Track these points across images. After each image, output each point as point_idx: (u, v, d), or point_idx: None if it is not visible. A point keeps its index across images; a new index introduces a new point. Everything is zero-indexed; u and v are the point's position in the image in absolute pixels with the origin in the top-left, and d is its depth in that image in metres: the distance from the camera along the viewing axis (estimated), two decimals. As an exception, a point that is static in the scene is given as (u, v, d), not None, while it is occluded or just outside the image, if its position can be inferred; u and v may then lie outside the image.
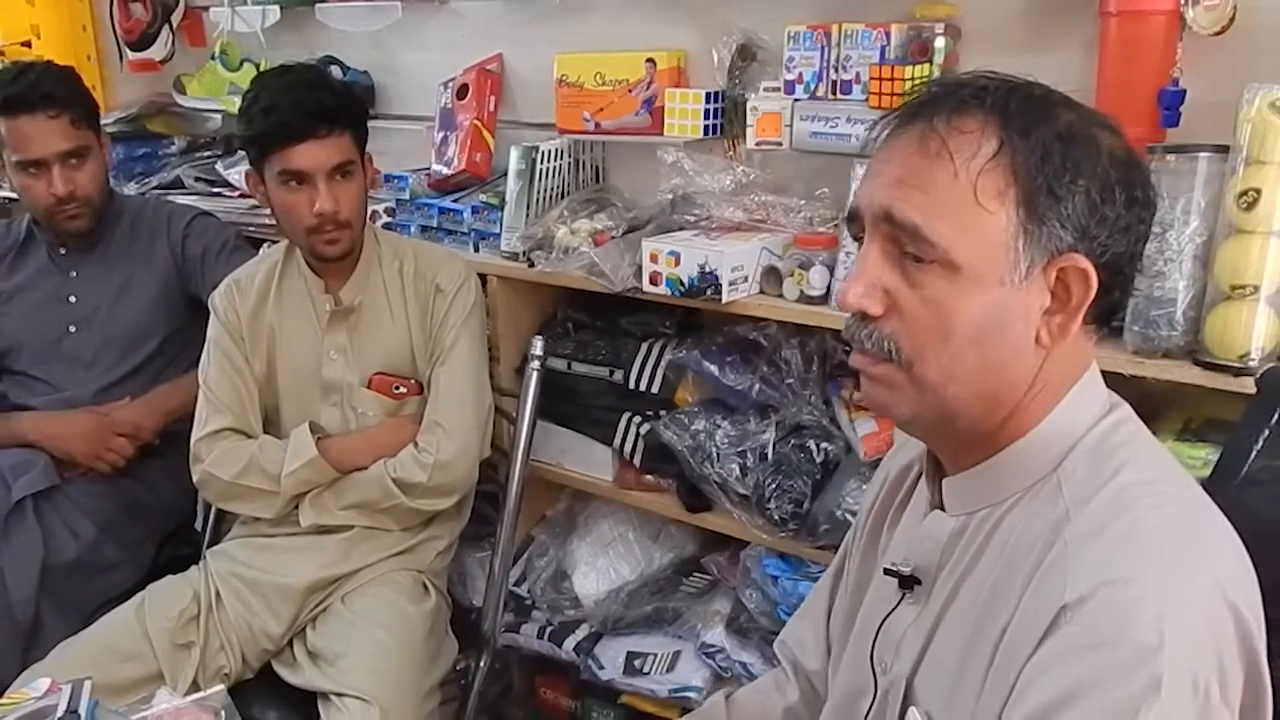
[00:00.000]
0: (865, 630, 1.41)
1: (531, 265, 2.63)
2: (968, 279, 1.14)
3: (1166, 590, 1.05)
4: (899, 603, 1.35)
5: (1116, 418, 1.23)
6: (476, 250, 2.86)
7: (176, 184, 3.56)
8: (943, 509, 1.31)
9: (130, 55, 3.77)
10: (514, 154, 2.75)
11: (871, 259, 1.19)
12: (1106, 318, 1.22)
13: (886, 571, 1.36)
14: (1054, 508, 1.16)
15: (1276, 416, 1.42)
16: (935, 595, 1.29)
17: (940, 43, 2.18)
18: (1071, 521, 1.13)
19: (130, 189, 3.53)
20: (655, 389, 2.60)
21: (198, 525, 3.04)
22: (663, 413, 2.57)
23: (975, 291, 1.14)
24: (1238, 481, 1.41)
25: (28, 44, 3.78)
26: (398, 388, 2.55)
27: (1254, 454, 1.41)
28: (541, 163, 2.74)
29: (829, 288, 2.24)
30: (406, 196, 3.01)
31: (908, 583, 1.33)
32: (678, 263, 2.33)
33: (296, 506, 2.53)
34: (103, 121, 3.03)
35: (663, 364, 2.60)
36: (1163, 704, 1.00)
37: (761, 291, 2.37)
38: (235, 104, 3.00)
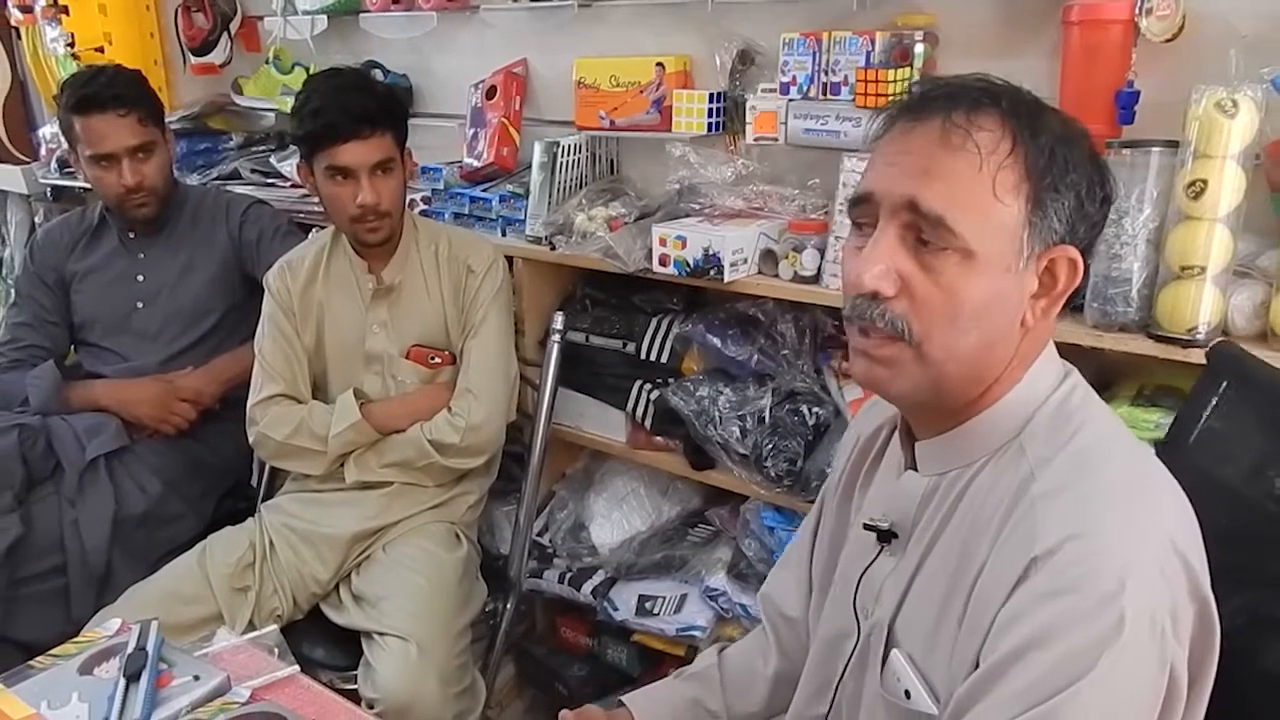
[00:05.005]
0: (847, 580, 1.41)
1: (553, 248, 2.64)
2: (980, 265, 1.13)
3: (1125, 542, 1.06)
4: (878, 555, 1.36)
5: (1071, 384, 1.24)
6: (504, 235, 2.86)
7: (234, 175, 3.55)
8: (915, 469, 1.32)
9: (193, 60, 3.77)
10: (537, 148, 2.75)
11: (886, 244, 1.16)
12: (1069, 299, 1.22)
13: (866, 527, 1.36)
14: (1018, 468, 1.17)
15: (1223, 386, 1.43)
16: (911, 548, 1.30)
17: (919, 49, 2.18)
18: (1037, 480, 1.14)
19: (193, 180, 3.53)
20: (664, 359, 2.61)
21: (253, 481, 3.07)
22: (671, 381, 2.57)
23: (984, 277, 1.14)
24: (1189, 443, 1.42)
25: (100, 50, 3.78)
26: (433, 358, 2.57)
27: (1203, 419, 1.43)
28: (562, 156, 2.75)
29: (819, 268, 2.25)
30: (441, 186, 3.01)
31: (885, 537, 1.34)
32: (684, 246, 2.34)
33: (342, 464, 2.55)
34: (167, 119, 3.04)
35: (671, 337, 2.60)
36: (1124, 644, 1.02)
37: (759, 272, 2.38)
38: (287, 103, 3.01)
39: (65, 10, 3.74)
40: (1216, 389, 1.43)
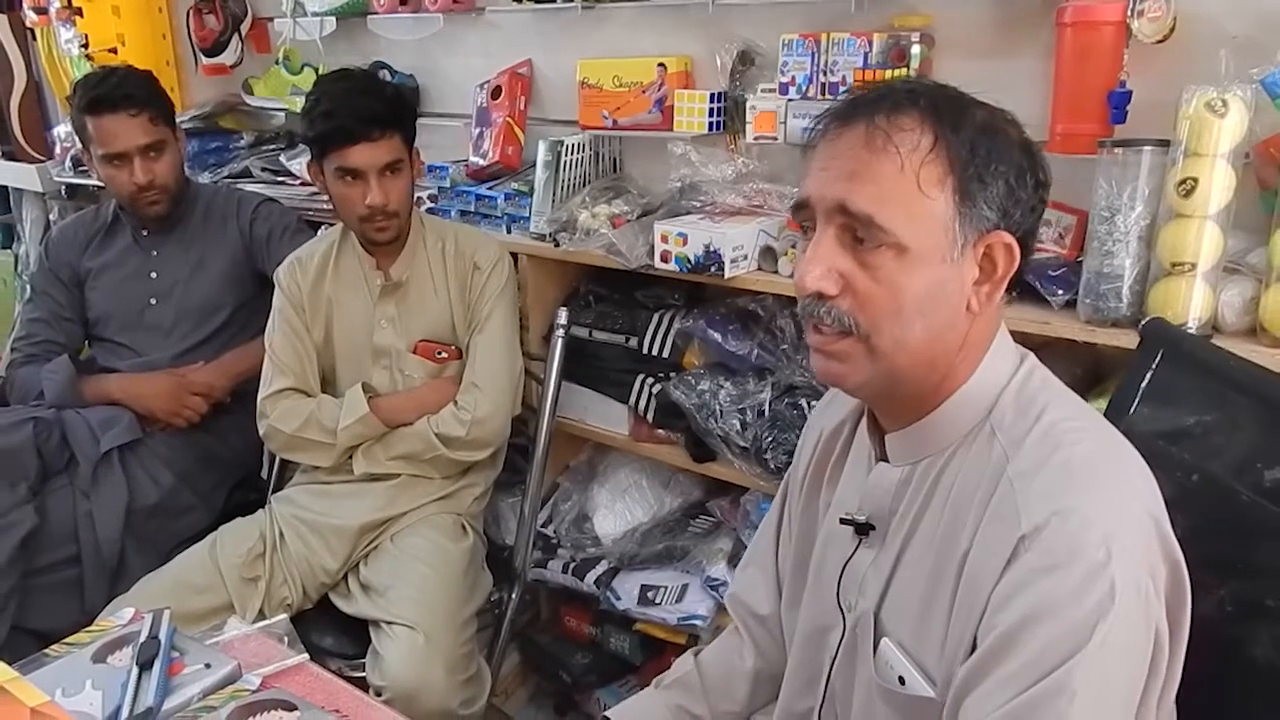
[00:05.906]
0: (826, 574, 1.42)
1: (557, 245, 2.64)
2: (915, 258, 1.15)
3: (1106, 513, 1.09)
4: (857, 547, 1.36)
5: (1028, 368, 1.26)
6: (509, 232, 2.86)
7: (245, 174, 3.55)
8: (886, 461, 1.33)
9: (204, 60, 3.78)
10: (541, 147, 2.76)
11: (825, 246, 1.19)
12: (1013, 285, 1.24)
13: (843, 521, 1.36)
14: (991, 451, 1.20)
15: (1156, 361, 1.47)
16: (891, 538, 1.31)
17: (916, 50, 2.18)
18: (1011, 461, 1.16)
19: (204, 178, 3.53)
20: (666, 354, 2.61)
21: (263, 473, 3.06)
22: (672, 375, 2.56)
23: (921, 269, 1.16)
24: (1128, 415, 1.45)
25: (114, 50, 3.78)
26: (440, 353, 2.57)
27: (1139, 392, 1.46)
28: (566, 155, 2.75)
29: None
30: (447, 184, 3.02)
31: (863, 529, 1.34)
32: (685, 243, 2.34)
33: (350, 457, 2.56)
34: (179, 119, 3.05)
35: (672, 332, 2.60)
36: (1116, 612, 1.05)
37: (759, 268, 2.38)
38: (297, 103, 3.01)
39: (79, 12, 3.75)
40: (1151, 362, 1.47)
